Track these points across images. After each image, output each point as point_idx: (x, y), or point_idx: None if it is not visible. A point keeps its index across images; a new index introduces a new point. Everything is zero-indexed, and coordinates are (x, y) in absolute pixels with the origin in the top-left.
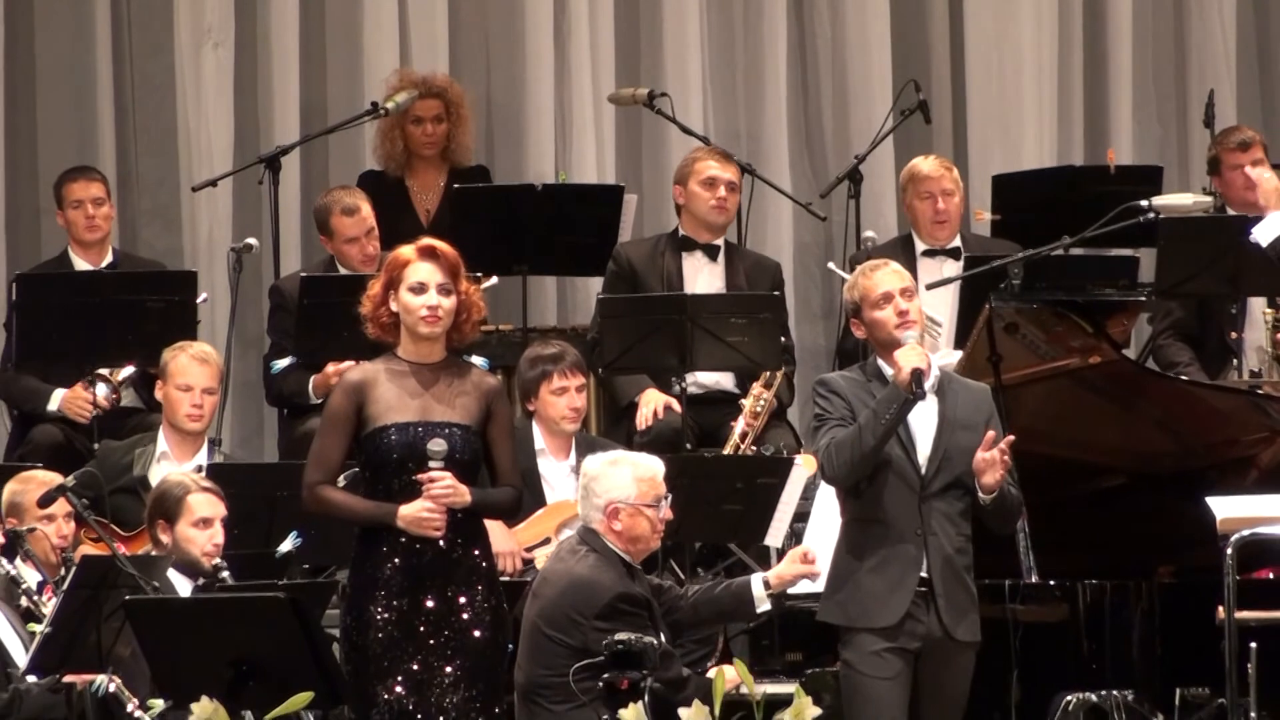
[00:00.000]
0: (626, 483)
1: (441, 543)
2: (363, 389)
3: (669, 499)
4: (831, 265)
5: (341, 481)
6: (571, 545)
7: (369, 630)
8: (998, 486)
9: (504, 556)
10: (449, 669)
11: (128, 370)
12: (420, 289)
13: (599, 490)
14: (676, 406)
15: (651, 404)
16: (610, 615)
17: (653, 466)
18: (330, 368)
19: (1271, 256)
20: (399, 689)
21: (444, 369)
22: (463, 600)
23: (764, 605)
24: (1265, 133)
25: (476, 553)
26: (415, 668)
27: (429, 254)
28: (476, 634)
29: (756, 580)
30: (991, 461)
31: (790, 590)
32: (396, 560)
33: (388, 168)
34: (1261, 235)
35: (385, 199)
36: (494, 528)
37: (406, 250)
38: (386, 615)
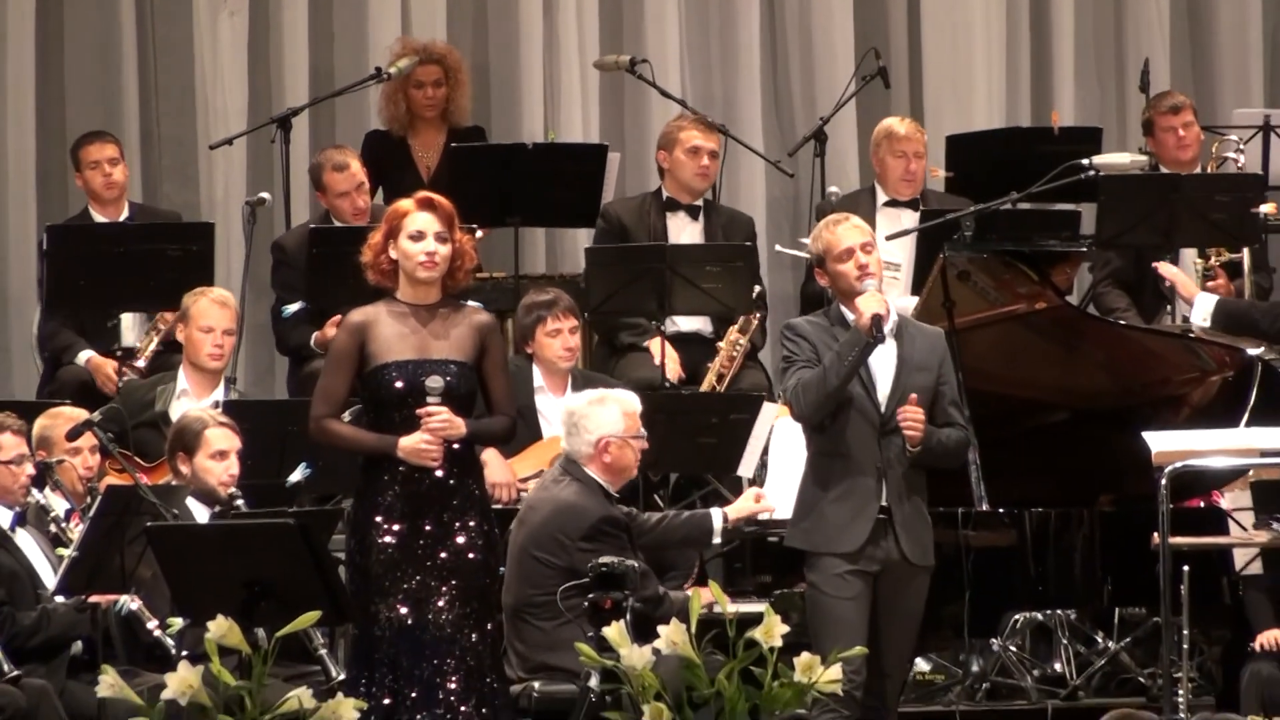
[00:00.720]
0: (615, 418)
1: (439, 472)
2: (364, 329)
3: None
4: (779, 247)
5: (347, 417)
6: (554, 475)
7: (371, 553)
8: (918, 443)
9: (501, 487)
10: (445, 588)
11: (154, 345)
12: (419, 237)
13: (590, 427)
14: None
15: None
16: (594, 537)
17: (635, 402)
18: (331, 323)
19: (1218, 328)
20: (400, 607)
21: (439, 309)
22: (458, 525)
23: (717, 539)
24: (1194, 97)
25: (471, 482)
26: (413, 587)
27: (427, 205)
28: (470, 556)
29: (716, 514)
30: (904, 423)
31: (761, 517)
32: (397, 488)
33: (391, 128)
34: (1197, 317)
35: (389, 156)
36: (492, 460)
37: (406, 202)
38: (387, 539)
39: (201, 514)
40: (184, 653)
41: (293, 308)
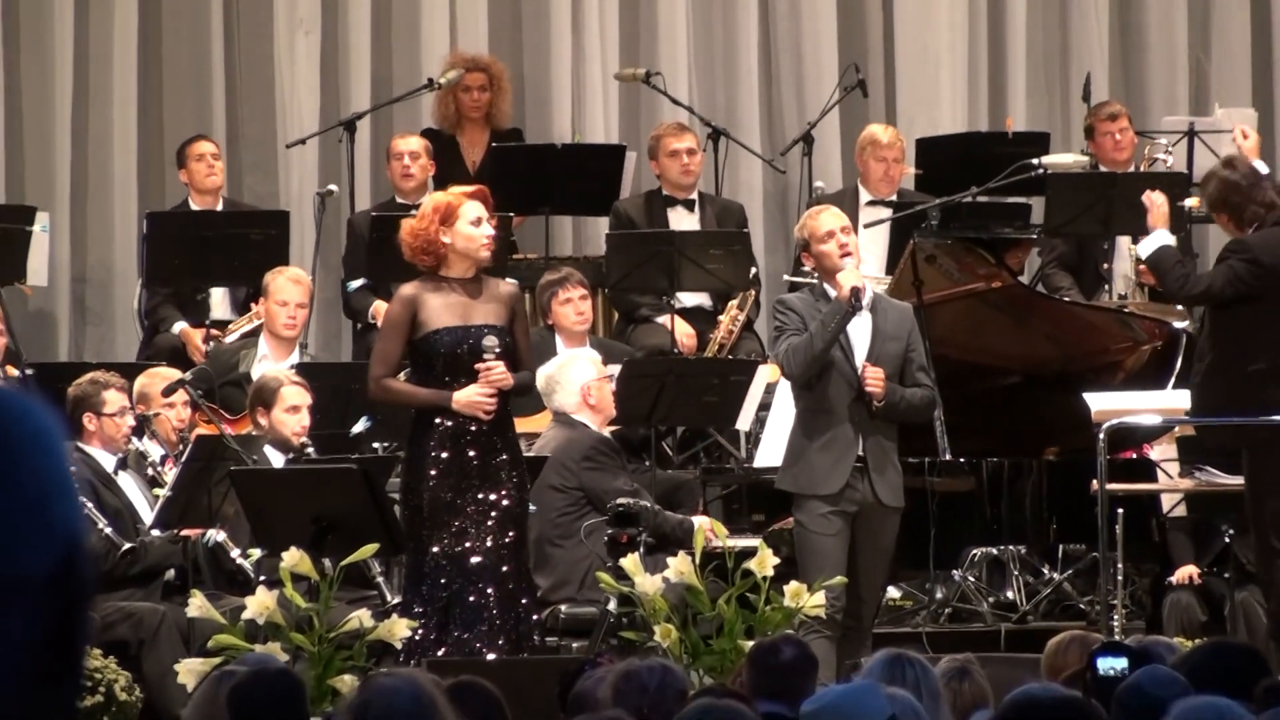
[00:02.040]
0: (586, 368)
1: (482, 424)
2: (415, 300)
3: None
4: (787, 276)
5: (402, 376)
6: (554, 428)
7: (422, 493)
8: (881, 399)
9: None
10: (486, 524)
11: (245, 328)
12: (479, 223)
13: (567, 382)
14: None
15: None
16: (591, 457)
17: (594, 352)
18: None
19: (1147, 267)
20: (445, 539)
21: (475, 283)
22: (496, 469)
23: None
24: (1129, 106)
25: (509, 432)
26: (459, 522)
27: (479, 195)
28: (507, 495)
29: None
30: (867, 384)
31: (755, 465)
32: (445, 440)
33: (443, 127)
34: (1142, 249)
35: (441, 152)
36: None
37: (456, 194)
38: (436, 482)
39: (277, 460)
40: (261, 579)
41: (356, 283)
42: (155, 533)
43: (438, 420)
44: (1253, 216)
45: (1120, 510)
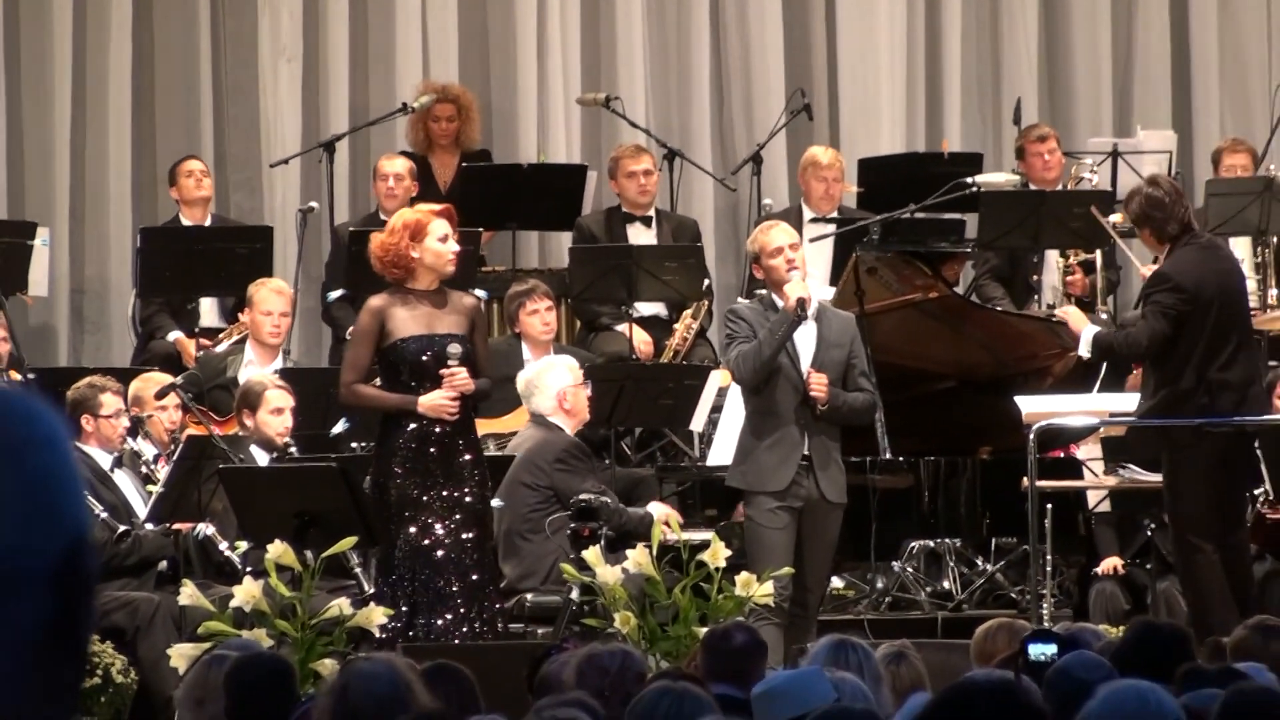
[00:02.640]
0: (564, 374)
1: (446, 425)
2: (384, 311)
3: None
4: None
5: (377, 382)
6: (529, 428)
7: (390, 490)
8: (824, 403)
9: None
10: (450, 518)
11: (232, 339)
12: (445, 239)
13: (545, 386)
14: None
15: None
16: (563, 459)
17: (572, 359)
18: None
19: (1095, 358)
20: (412, 529)
21: (439, 295)
22: (460, 467)
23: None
24: (1057, 128)
25: (470, 433)
26: (424, 517)
27: (444, 214)
28: (469, 492)
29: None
30: (811, 390)
31: (708, 464)
32: (411, 440)
33: (416, 150)
34: (1084, 351)
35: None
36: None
37: (423, 212)
38: (402, 480)
39: (262, 459)
40: (248, 569)
41: (335, 294)
42: (149, 526)
43: (405, 422)
44: (1172, 232)
45: (1049, 506)
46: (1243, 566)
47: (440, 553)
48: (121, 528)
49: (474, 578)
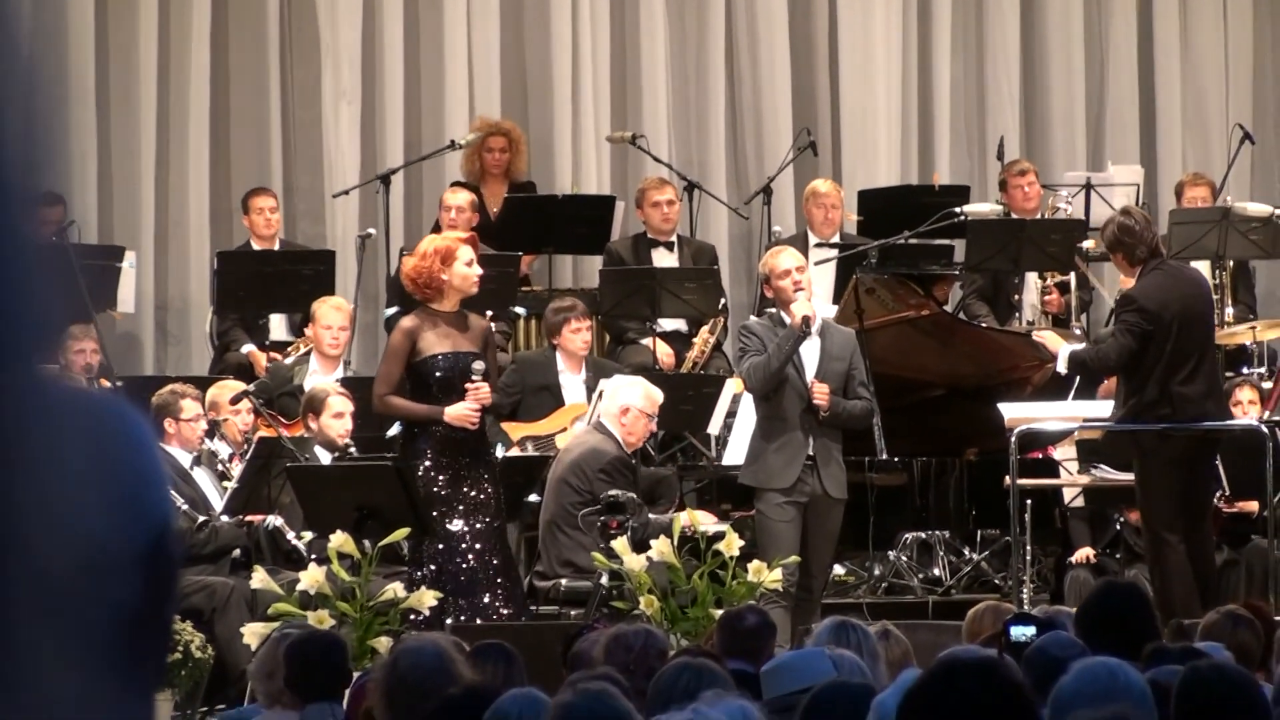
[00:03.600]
0: (639, 395)
1: (466, 432)
2: (415, 331)
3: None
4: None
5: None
6: (589, 428)
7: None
8: (827, 410)
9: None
10: (474, 516)
11: (299, 354)
12: (471, 264)
13: (619, 394)
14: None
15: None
16: (608, 471)
17: (658, 394)
18: None
19: (1072, 372)
20: (443, 527)
21: (460, 317)
22: (479, 471)
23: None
24: (1036, 164)
25: (485, 440)
26: (451, 511)
27: (472, 242)
28: (489, 492)
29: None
30: (814, 398)
31: (723, 463)
32: (437, 444)
33: (470, 179)
34: (1061, 368)
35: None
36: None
37: (451, 239)
38: (430, 480)
39: (325, 458)
40: (312, 557)
41: (389, 310)
42: (224, 518)
43: (432, 429)
44: (1141, 256)
45: (1028, 501)
46: (1206, 557)
47: (466, 542)
48: (200, 519)
49: (495, 562)
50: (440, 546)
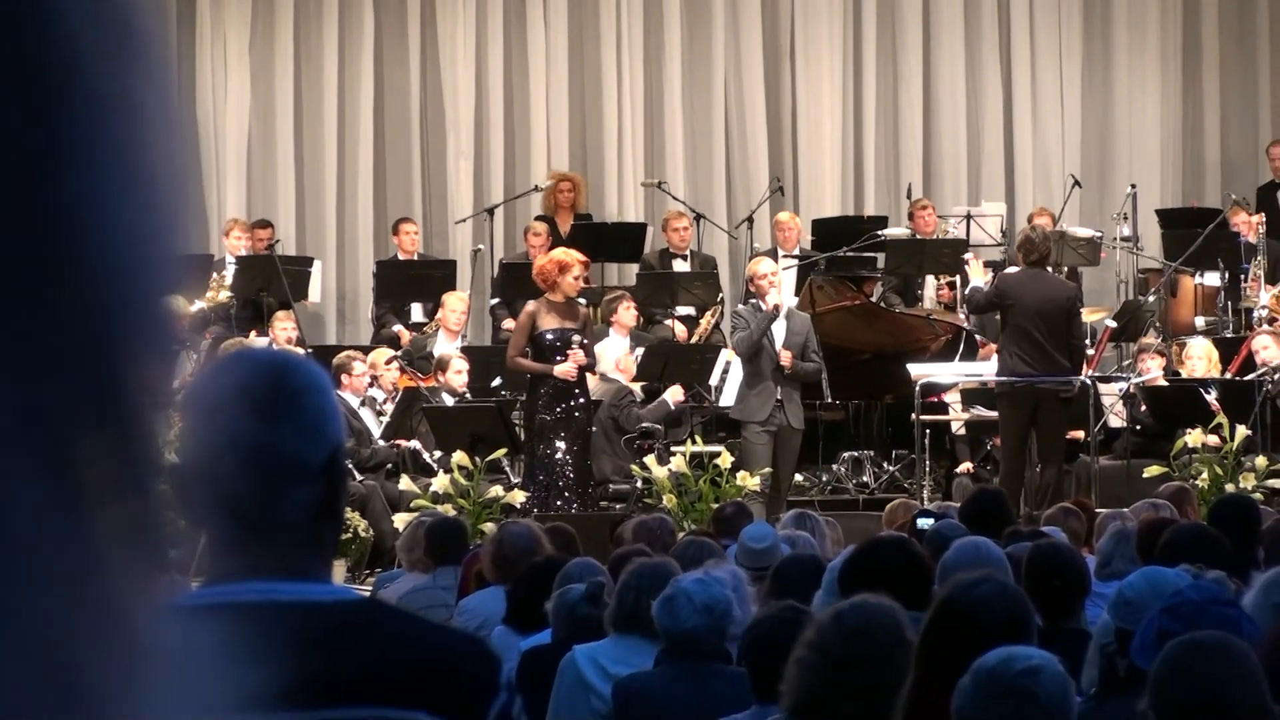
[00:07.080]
0: (619, 350)
1: (569, 383)
2: (535, 313)
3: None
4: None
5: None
6: (602, 384)
7: (535, 420)
8: (789, 368)
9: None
10: (569, 442)
11: (432, 334)
12: (577, 278)
13: (606, 357)
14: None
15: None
16: (624, 398)
17: (625, 345)
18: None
19: (981, 301)
20: (545, 448)
21: (568, 304)
22: (574, 409)
23: (672, 406)
24: (933, 200)
25: (584, 389)
26: (555, 438)
27: (583, 263)
28: (579, 422)
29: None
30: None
31: (720, 404)
32: (550, 391)
33: (547, 212)
34: (974, 284)
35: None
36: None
37: (571, 255)
38: (545, 414)
39: (449, 401)
40: (441, 469)
41: (493, 301)
42: (381, 443)
43: (546, 380)
44: (1031, 259)
45: (928, 430)
46: (1055, 469)
47: (560, 458)
48: (368, 444)
49: (573, 476)
50: (546, 463)
